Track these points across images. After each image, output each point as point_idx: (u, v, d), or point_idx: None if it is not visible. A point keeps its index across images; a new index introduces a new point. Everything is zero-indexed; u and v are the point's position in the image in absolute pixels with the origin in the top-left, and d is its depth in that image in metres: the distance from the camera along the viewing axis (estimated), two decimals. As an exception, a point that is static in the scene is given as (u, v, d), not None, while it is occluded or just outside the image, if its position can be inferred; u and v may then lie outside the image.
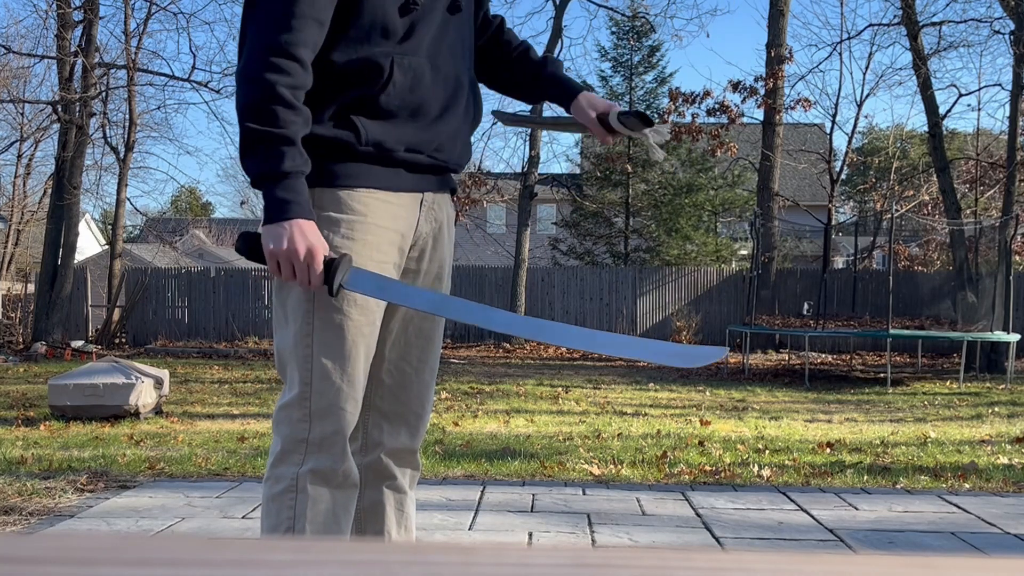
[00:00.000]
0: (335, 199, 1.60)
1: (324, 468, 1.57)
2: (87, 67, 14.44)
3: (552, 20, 15.66)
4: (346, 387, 1.59)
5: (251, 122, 1.50)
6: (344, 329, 1.59)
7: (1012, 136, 12.63)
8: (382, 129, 1.61)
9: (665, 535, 2.94)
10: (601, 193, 20.29)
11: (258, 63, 1.51)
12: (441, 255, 1.78)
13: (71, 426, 5.71)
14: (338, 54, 1.60)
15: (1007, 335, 10.58)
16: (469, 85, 1.75)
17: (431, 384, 1.81)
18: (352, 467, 1.62)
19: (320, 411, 1.58)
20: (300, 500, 1.57)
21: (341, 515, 1.61)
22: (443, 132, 1.68)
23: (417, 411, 1.79)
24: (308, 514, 1.57)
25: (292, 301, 1.62)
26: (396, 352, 1.75)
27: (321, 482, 1.58)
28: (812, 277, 15.24)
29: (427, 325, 1.77)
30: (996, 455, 4.76)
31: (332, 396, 1.58)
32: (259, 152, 1.50)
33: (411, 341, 1.76)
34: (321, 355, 1.58)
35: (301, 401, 1.59)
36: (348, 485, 1.62)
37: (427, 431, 5.76)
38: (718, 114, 14.94)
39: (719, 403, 7.89)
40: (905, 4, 13.80)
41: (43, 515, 3.17)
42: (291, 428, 1.59)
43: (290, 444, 1.59)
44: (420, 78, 1.63)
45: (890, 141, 24.41)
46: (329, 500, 1.59)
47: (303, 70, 1.53)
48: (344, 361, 1.59)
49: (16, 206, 24.10)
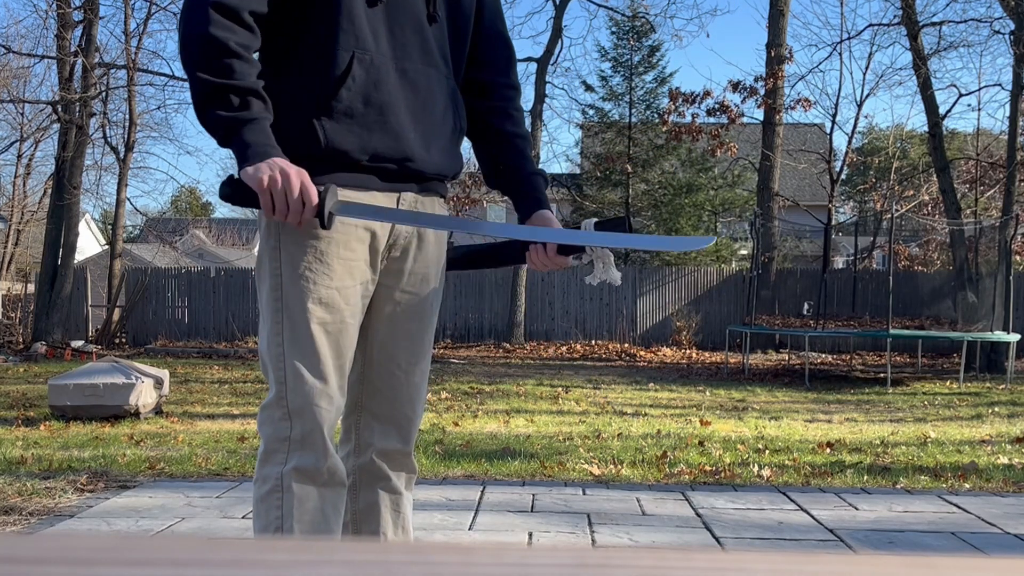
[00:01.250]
0: None
1: (307, 466, 1.57)
2: (87, 67, 14.44)
3: (552, 20, 15.66)
4: (319, 384, 1.58)
5: (207, 74, 1.49)
6: (310, 325, 1.58)
7: (1012, 136, 12.63)
8: (344, 132, 1.57)
9: (665, 535, 2.94)
10: (601, 193, 20.29)
11: (202, 20, 1.49)
12: (428, 256, 1.74)
13: (71, 426, 5.71)
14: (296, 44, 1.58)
15: (1007, 335, 10.58)
16: (449, 94, 1.70)
17: (421, 386, 1.79)
18: (337, 465, 1.62)
19: (297, 409, 1.58)
20: (287, 499, 1.57)
21: (330, 513, 1.61)
22: (413, 141, 1.63)
23: (407, 413, 1.77)
24: (295, 513, 1.57)
25: (264, 301, 1.63)
26: (383, 354, 1.74)
27: (306, 480, 1.57)
28: (812, 277, 15.23)
29: (413, 325, 1.75)
30: (996, 455, 4.76)
31: (306, 394, 1.58)
32: (223, 103, 1.49)
33: (398, 342, 1.74)
34: (292, 354, 1.58)
35: (279, 400, 1.59)
36: (335, 483, 1.61)
37: (427, 431, 5.76)
38: (718, 114, 14.95)
39: (719, 403, 7.89)
40: (905, 4, 13.80)
41: (43, 515, 3.17)
42: (273, 427, 1.59)
43: (273, 443, 1.59)
44: (384, 79, 1.59)
45: (890, 141, 24.41)
46: (317, 499, 1.59)
47: (250, 32, 1.53)
48: (314, 358, 1.58)
49: (16, 206, 24.11)
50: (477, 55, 1.80)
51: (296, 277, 1.59)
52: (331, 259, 1.59)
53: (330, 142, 1.56)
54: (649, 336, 15.00)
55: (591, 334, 14.98)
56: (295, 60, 1.59)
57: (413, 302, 1.74)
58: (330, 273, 1.59)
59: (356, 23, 1.57)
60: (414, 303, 1.74)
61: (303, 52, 1.58)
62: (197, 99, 1.51)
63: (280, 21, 1.58)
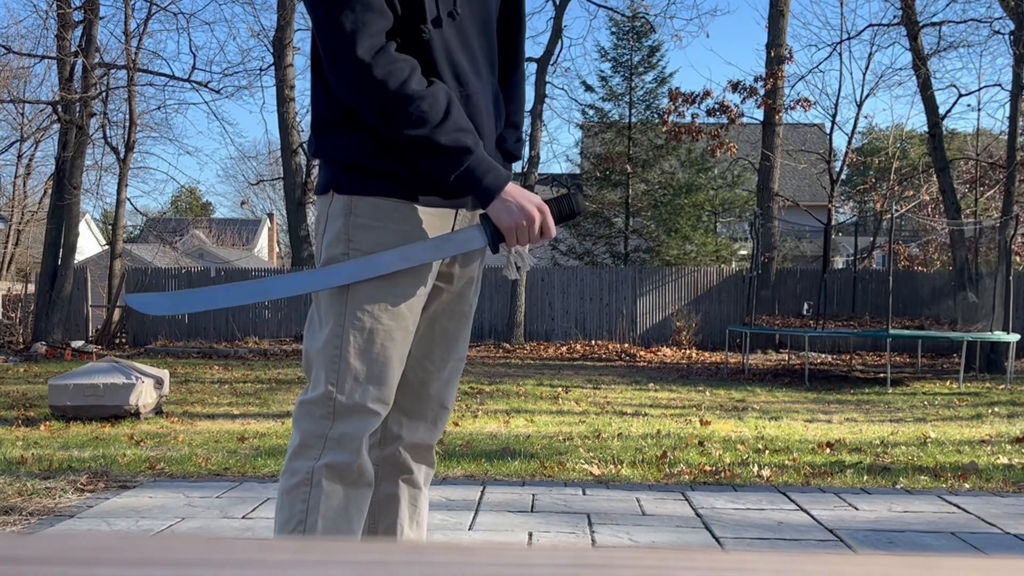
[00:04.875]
0: (370, 206, 1.61)
1: (340, 463, 1.58)
2: (87, 67, 14.44)
3: (552, 20, 15.68)
4: (374, 389, 1.60)
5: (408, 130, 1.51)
6: (375, 333, 1.60)
7: (1012, 136, 12.63)
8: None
9: (665, 535, 2.94)
10: (601, 193, 20.28)
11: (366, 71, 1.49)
12: (474, 262, 1.78)
13: (71, 426, 5.71)
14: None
15: (1007, 335, 10.58)
16: (493, 100, 1.72)
17: (452, 381, 1.81)
18: (367, 465, 1.63)
19: (345, 410, 1.59)
20: (314, 494, 1.58)
21: (354, 513, 1.62)
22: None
23: (436, 408, 1.80)
24: (321, 508, 1.57)
25: (325, 305, 1.63)
26: (420, 350, 1.76)
27: (336, 478, 1.59)
28: (812, 277, 15.24)
29: (452, 325, 1.78)
30: (996, 455, 4.76)
31: (359, 397, 1.59)
32: (437, 153, 1.53)
33: (436, 340, 1.77)
34: (352, 357, 1.59)
35: (326, 400, 1.60)
36: (362, 483, 1.63)
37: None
38: (718, 114, 14.94)
39: (719, 403, 7.89)
40: (905, 4, 13.80)
41: (43, 515, 3.17)
42: (312, 423, 1.60)
43: (309, 439, 1.60)
44: (474, 106, 1.62)
45: (890, 141, 24.41)
46: (343, 497, 1.60)
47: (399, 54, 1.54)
48: (376, 366, 1.60)
49: (16, 206, 24.12)
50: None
51: (365, 283, 1.60)
52: (401, 271, 1.61)
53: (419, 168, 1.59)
54: (649, 336, 15.00)
55: (591, 334, 14.98)
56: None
57: (456, 302, 1.78)
58: (397, 283, 1.61)
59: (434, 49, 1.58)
60: (457, 303, 1.78)
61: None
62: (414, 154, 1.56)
63: None
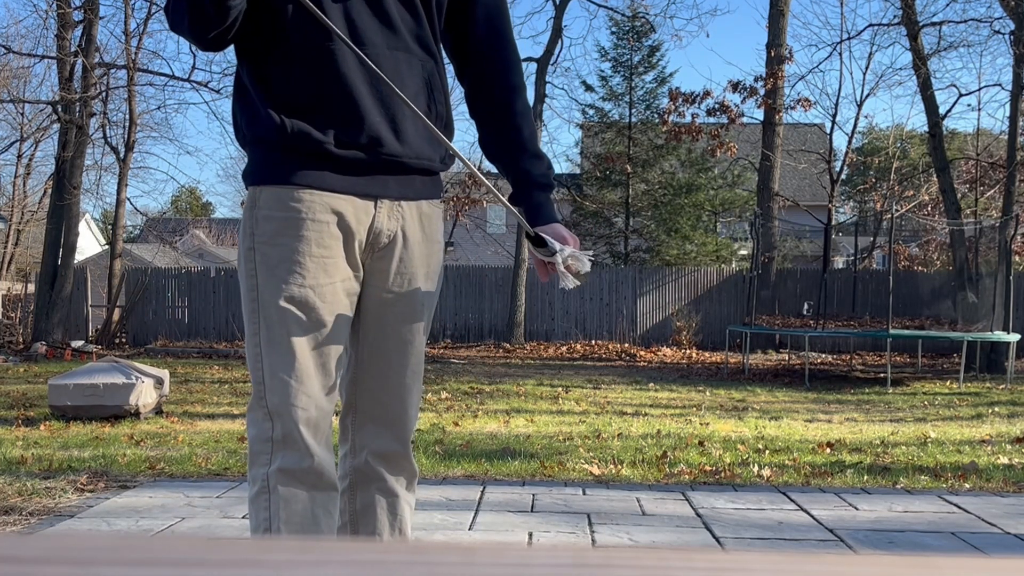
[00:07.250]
0: (272, 197, 1.59)
1: (291, 466, 1.56)
2: (87, 67, 14.43)
3: (552, 20, 15.67)
4: (295, 383, 1.57)
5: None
6: (285, 325, 1.57)
7: (1012, 136, 12.62)
8: (303, 117, 1.56)
9: (665, 535, 2.94)
10: (601, 193, 20.28)
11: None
12: (414, 256, 1.71)
13: (71, 426, 5.71)
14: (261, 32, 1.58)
15: (1007, 335, 10.58)
16: (424, 78, 1.65)
17: (413, 387, 1.76)
18: (326, 467, 1.60)
19: (275, 409, 1.57)
20: (274, 500, 1.56)
21: (321, 516, 1.59)
22: (379, 124, 1.59)
23: (399, 414, 1.75)
24: (283, 514, 1.55)
25: (243, 302, 1.63)
26: (373, 355, 1.72)
27: (293, 482, 1.56)
28: (812, 277, 15.24)
29: (403, 327, 1.73)
30: (996, 455, 4.76)
31: (283, 393, 1.57)
32: None
33: (388, 343, 1.72)
34: (268, 354, 1.58)
35: (259, 401, 1.59)
36: (324, 486, 1.60)
37: (427, 431, 5.74)
38: (718, 114, 14.94)
39: (719, 403, 7.89)
40: (905, 4, 13.80)
41: (43, 515, 3.17)
42: (256, 428, 1.59)
43: (257, 444, 1.59)
44: (340, 59, 1.56)
45: (890, 141, 24.40)
46: (306, 501, 1.57)
47: None
48: (288, 357, 1.57)
49: (16, 206, 24.10)
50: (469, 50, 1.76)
51: (270, 277, 1.58)
52: (303, 257, 1.58)
53: (294, 128, 1.56)
54: (649, 336, 15.00)
55: (591, 334, 14.97)
56: (260, 50, 1.60)
57: (401, 303, 1.71)
58: (303, 272, 1.58)
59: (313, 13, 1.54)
60: (402, 304, 1.71)
61: (265, 41, 1.58)
62: None
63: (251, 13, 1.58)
